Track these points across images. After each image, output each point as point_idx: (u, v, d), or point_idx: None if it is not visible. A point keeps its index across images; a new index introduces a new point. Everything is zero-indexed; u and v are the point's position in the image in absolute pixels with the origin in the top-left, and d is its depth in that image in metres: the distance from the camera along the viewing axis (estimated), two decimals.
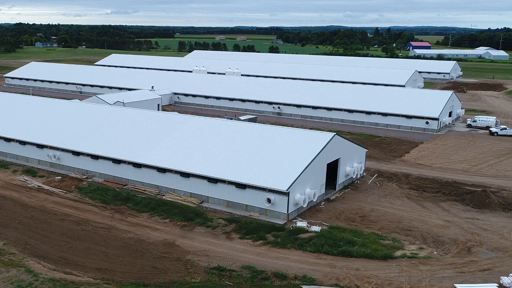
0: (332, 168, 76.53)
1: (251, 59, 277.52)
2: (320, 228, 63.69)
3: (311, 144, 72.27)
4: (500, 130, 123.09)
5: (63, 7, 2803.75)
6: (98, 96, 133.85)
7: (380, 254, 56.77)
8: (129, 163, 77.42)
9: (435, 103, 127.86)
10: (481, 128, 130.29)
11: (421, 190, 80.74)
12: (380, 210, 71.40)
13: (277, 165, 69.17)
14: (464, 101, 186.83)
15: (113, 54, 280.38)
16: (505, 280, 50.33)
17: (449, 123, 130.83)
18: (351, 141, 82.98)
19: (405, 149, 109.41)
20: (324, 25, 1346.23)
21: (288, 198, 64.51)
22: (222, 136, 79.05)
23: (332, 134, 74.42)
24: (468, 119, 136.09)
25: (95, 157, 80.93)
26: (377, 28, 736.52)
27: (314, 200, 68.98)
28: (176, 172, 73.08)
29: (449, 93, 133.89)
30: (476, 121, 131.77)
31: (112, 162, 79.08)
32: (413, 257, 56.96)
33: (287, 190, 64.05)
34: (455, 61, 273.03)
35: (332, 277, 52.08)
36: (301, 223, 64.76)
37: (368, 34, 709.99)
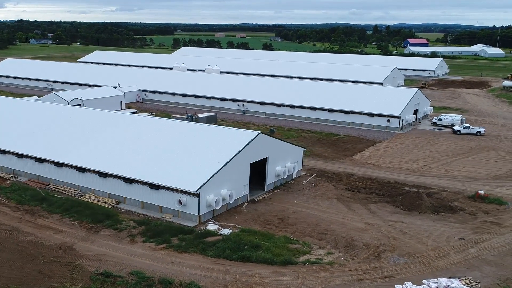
0: (263, 168, 73.75)
1: (237, 56, 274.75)
2: (230, 231, 61.03)
3: (233, 143, 69.56)
4: (463, 128, 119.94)
5: (68, 4, 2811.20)
6: (55, 93, 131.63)
7: (281, 259, 54.09)
8: (51, 162, 74.91)
9: (398, 101, 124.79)
10: (446, 126, 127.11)
11: (356, 191, 77.94)
12: (303, 212, 68.63)
13: (193, 165, 66.61)
14: (442, 99, 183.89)
15: (96, 51, 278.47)
16: None
17: (413, 121, 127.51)
18: (284, 140, 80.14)
19: (360, 148, 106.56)
20: (329, 22, 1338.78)
21: (199, 200, 61.81)
22: (148, 135, 76.59)
23: (256, 132, 71.66)
24: (434, 117, 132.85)
25: (20, 155, 78.51)
26: (375, 25, 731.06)
27: (231, 202, 66.25)
28: (95, 172, 70.57)
29: (413, 90, 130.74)
30: (441, 119, 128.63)
31: (36, 161, 76.71)
32: (317, 262, 54.24)
33: (196, 191, 61.43)
34: (441, 59, 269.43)
35: (220, 284, 49.46)
36: (212, 226, 62.11)
37: (367, 31, 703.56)
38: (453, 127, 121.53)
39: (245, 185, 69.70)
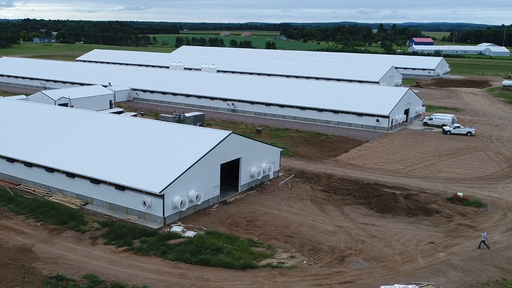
0: (237, 169, 72.33)
1: (237, 55, 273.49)
2: (194, 233, 59.60)
3: (203, 143, 68.15)
4: (453, 128, 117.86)
5: (76, 3, 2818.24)
6: (43, 92, 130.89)
7: (241, 263, 52.58)
8: (22, 162, 73.83)
9: (387, 100, 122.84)
10: (437, 126, 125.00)
11: (332, 192, 76.29)
12: (273, 213, 67.11)
13: (160, 165, 65.21)
14: (439, 98, 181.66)
15: (95, 50, 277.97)
16: None
17: (403, 121, 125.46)
18: (259, 141, 78.65)
19: (345, 148, 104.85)
20: (337, 21, 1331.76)
21: (164, 201, 60.40)
22: (120, 134, 75.41)
23: (227, 132, 70.18)
24: (425, 117, 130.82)
25: None
26: (381, 24, 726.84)
27: (199, 203, 64.76)
28: (63, 172, 69.38)
29: (404, 90, 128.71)
30: (432, 119, 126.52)
31: (7, 160, 75.64)
32: (278, 266, 52.70)
33: (160, 192, 60.07)
34: (441, 57, 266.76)
35: None
36: (177, 228, 60.75)
37: (373, 30, 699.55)
38: (443, 127, 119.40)
39: (215, 186, 68.24)
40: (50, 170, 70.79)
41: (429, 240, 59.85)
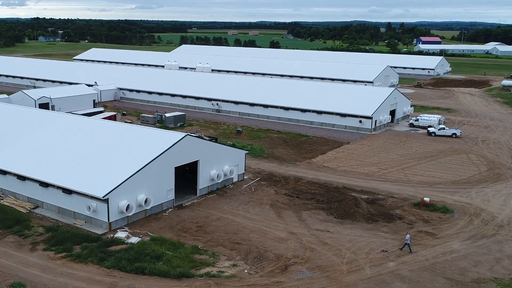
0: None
1: (236, 54, 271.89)
2: (138, 239, 57.47)
3: (157, 145, 65.98)
4: (438, 130, 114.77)
5: (88, 2, 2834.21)
6: (23, 91, 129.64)
7: (177, 272, 50.39)
8: None
9: (372, 101, 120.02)
10: (423, 127, 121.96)
11: (295, 196, 73.81)
12: (227, 219, 64.85)
13: (109, 168, 63.27)
14: (434, 98, 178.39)
15: (93, 49, 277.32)
16: None
17: (388, 122, 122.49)
18: (221, 143, 76.36)
19: (323, 150, 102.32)
20: (348, 20, 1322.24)
21: (108, 206, 58.33)
22: (75, 136, 73.51)
23: (182, 134, 68.01)
24: (412, 118, 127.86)
25: None
26: (389, 22, 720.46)
27: (148, 208, 62.62)
28: (14, 174, 67.58)
29: (389, 90, 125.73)
30: (418, 120, 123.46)
31: None
32: (216, 276, 50.47)
33: (104, 197, 58.07)
34: (442, 57, 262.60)
35: None
36: (122, 234, 58.71)
37: (381, 29, 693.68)
38: (428, 129, 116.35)
39: (169, 189, 66.12)
40: (3, 172, 69.05)
41: (382, 248, 57.17)
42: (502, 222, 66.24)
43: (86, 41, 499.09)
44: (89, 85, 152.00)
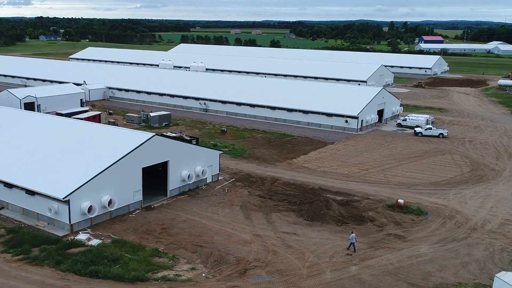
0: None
1: (233, 53, 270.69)
2: (99, 241, 56.43)
3: (124, 146, 64.90)
4: (425, 130, 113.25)
5: (94, 1, 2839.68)
6: (9, 90, 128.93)
7: (131, 276, 49.29)
8: None
9: (358, 101, 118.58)
10: (411, 127, 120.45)
11: (268, 197, 72.59)
12: (194, 221, 63.73)
13: (73, 169, 62.33)
14: (428, 98, 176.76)
15: (89, 48, 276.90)
16: None
17: (375, 122, 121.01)
18: (201, 144, 75.36)
19: (306, 150, 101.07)
20: (354, 19, 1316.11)
21: (69, 207, 57.32)
22: (44, 136, 72.61)
23: (149, 135, 66.92)
24: (400, 118, 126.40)
25: None
26: (391, 22, 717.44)
27: (112, 209, 61.58)
28: None
29: (376, 89, 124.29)
30: (406, 120, 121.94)
31: None
32: (172, 279, 49.38)
33: (64, 198, 57.09)
34: (439, 56, 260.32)
35: None
36: (83, 236, 57.69)
37: (383, 28, 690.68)
38: (415, 129, 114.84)
39: (136, 190, 65.04)
40: None
41: (347, 252, 55.89)
42: (475, 225, 64.82)
43: (87, 40, 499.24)
44: (78, 84, 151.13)
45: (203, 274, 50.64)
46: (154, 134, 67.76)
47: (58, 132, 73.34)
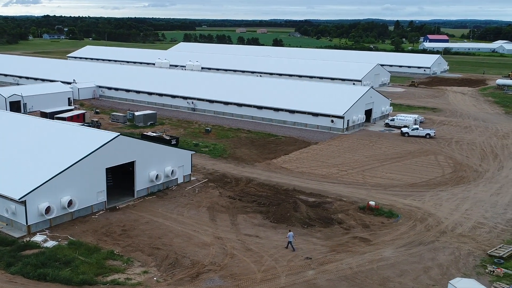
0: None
1: (232, 52, 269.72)
2: (55, 243, 55.38)
3: (87, 145, 63.80)
4: (412, 130, 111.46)
5: (102, 0, 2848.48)
6: None
7: (79, 279, 48.23)
8: None
9: (345, 100, 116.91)
10: (399, 127, 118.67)
11: (238, 198, 71.30)
12: (157, 222, 62.54)
13: (31, 169, 61.39)
14: (423, 98, 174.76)
15: (87, 46, 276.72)
16: None
17: (362, 122, 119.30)
18: (180, 146, 74.21)
19: (288, 150, 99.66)
20: (362, 18, 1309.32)
21: (26, 208, 56.30)
22: (7, 135, 71.52)
23: (114, 134, 65.78)
24: (388, 118, 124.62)
25: None
26: (397, 20, 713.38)
27: (71, 210, 60.52)
28: None
29: (364, 89, 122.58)
30: (394, 120, 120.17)
31: None
32: (122, 283, 48.28)
33: (20, 199, 56.12)
34: (439, 55, 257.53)
35: None
36: (39, 237, 56.66)
37: (389, 27, 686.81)
38: (402, 129, 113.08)
39: (100, 191, 63.88)
40: None
41: (306, 255, 54.48)
42: (446, 228, 63.20)
43: (90, 38, 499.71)
44: (68, 83, 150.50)
45: (155, 278, 49.43)
46: (119, 134, 66.62)
47: (23, 131, 72.49)
